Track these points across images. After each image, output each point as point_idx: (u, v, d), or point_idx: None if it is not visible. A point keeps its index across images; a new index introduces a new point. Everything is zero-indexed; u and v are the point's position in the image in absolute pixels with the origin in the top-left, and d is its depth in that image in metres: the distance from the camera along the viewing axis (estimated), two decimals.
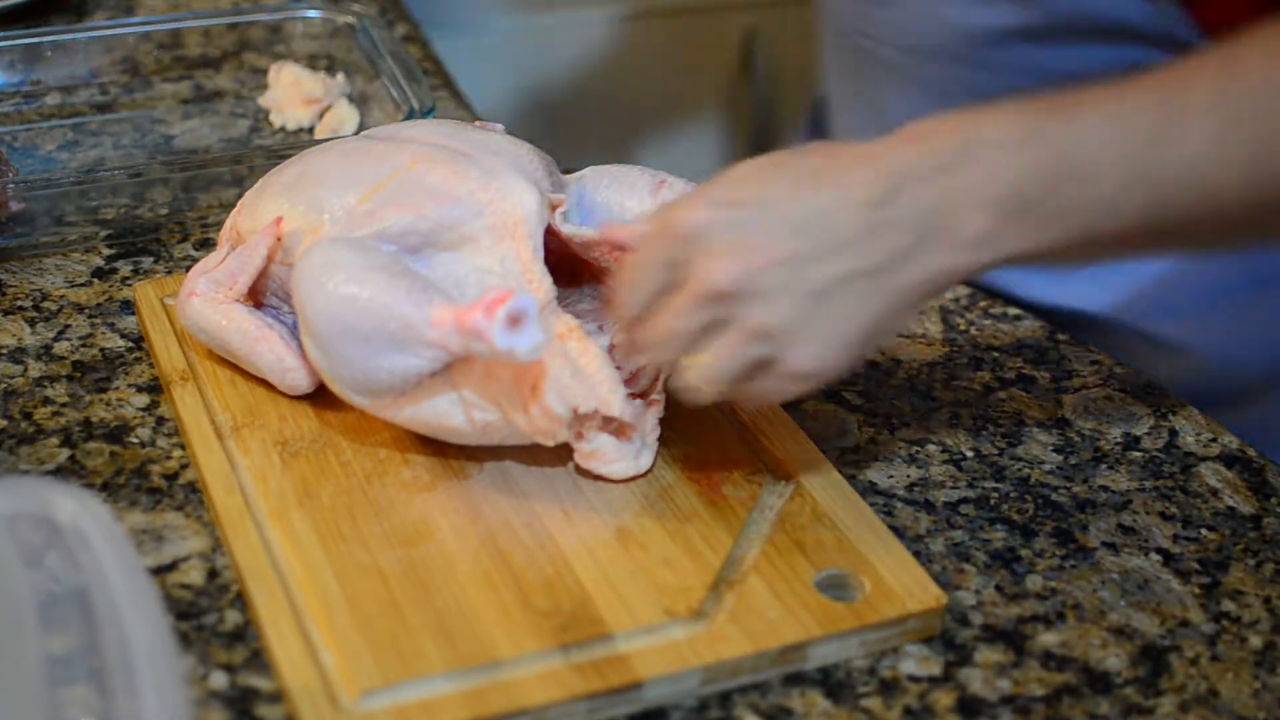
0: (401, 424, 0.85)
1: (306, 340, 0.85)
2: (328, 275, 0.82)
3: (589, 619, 0.77)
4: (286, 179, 0.91)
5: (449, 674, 0.74)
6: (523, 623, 0.77)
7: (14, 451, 0.89)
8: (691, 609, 0.78)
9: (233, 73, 1.27)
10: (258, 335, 0.89)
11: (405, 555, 0.80)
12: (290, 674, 0.74)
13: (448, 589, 0.79)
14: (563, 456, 0.86)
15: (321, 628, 0.76)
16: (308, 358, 0.87)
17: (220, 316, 0.90)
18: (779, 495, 0.85)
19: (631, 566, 0.80)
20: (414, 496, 0.84)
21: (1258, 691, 0.78)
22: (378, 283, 0.81)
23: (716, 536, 0.82)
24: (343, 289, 0.81)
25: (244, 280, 0.90)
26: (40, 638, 0.70)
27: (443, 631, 0.76)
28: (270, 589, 0.78)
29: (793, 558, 0.81)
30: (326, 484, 0.85)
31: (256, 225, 0.90)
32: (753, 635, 0.77)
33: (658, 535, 0.82)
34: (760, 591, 0.79)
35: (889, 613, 0.78)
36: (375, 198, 0.86)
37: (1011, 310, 1.05)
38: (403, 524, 0.82)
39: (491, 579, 0.79)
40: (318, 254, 0.84)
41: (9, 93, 1.22)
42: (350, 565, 0.80)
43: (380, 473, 0.86)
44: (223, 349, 0.91)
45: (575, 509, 0.84)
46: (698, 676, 0.76)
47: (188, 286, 0.92)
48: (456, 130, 0.92)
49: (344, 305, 0.81)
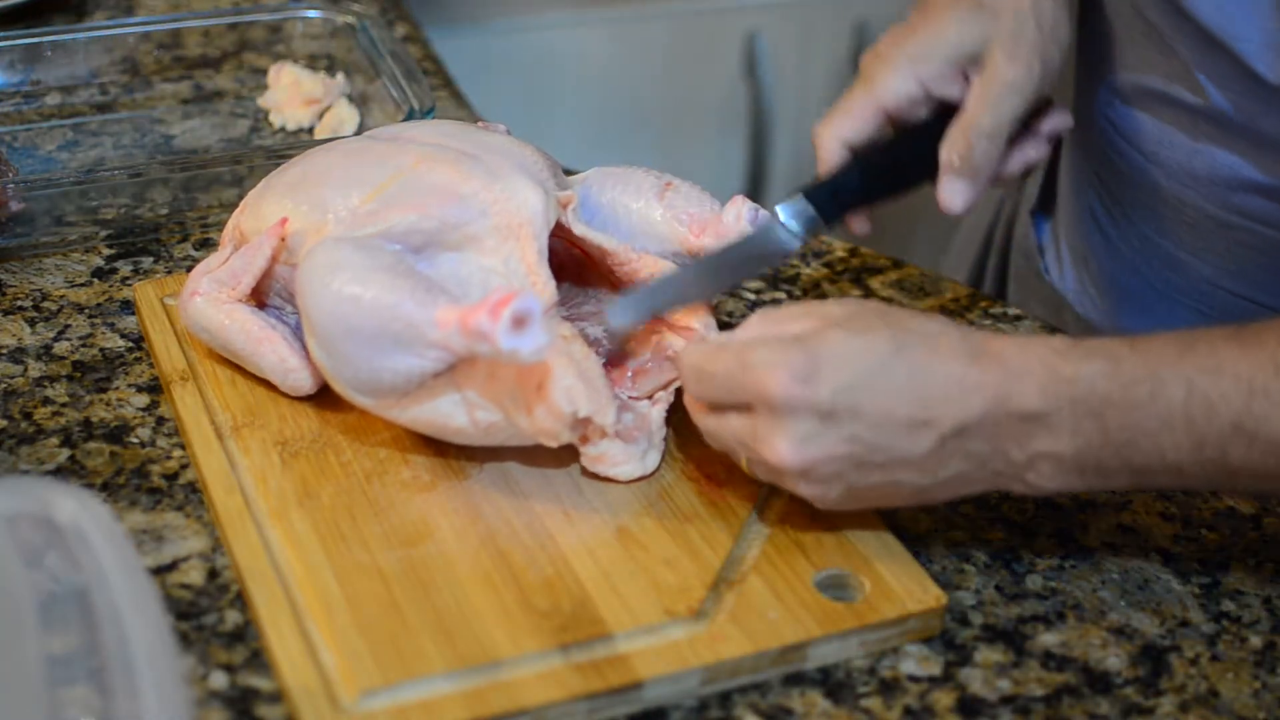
0: (404, 424, 0.85)
1: (310, 340, 0.85)
2: (332, 275, 0.82)
3: (589, 619, 0.77)
4: (290, 179, 0.91)
5: (449, 674, 0.74)
6: (523, 623, 0.77)
7: (14, 451, 0.89)
8: (691, 609, 0.78)
9: (233, 73, 1.27)
10: (261, 336, 0.89)
11: (405, 555, 0.80)
12: (290, 674, 0.74)
13: (448, 589, 0.79)
14: (562, 457, 0.86)
15: (321, 628, 0.76)
16: (310, 357, 0.87)
17: (223, 316, 0.90)
18: (779, 495, 0.85)
19: (632, 566, 0.80)
20: (414, 496, 0.84)
21: (1258, 691, 0.78)
22: (382, 283, 0.81)
23: (716, 536, 0.82)
24: (347, 289, 0.81)
25: (248, 280, 0.90)
26: (40, 638, 0.70)
27: (443, 631, 0.76)
28: (270, 589, 0.78)
29: (793, 557, 0.81)
30: (326, 484, 0.85)
31: (260, 225, 0.90)
32: (753, 635, 0.77)
33: (658, 535, 0.82)
34: (760, 591, 0.79)
35: (889, 613, 0.78)
36: (379, 197, 0.86)
37: (1011, 310, 1.05)
38: (403, 524, 0.82)
39: (492, 579, 0.79)
40: (322, 253, 0.84)
41: (9, 93, 1.21)
42: (350, 565, 0.80)
43: (380, 473, 0.86)
44: (225, 349, 0.91)
45: (575, 509, 0.84)
46: (698, 676, 0.76)
47: (190, 286, 0.91)
48: (460, 130, 0.92)
49: (348, 305, 0.81)
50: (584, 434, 0.84)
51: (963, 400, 0.75)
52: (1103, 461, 0.75)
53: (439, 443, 0.87)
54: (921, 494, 0.78)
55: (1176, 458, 0.75)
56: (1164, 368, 0.74)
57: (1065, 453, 0.75)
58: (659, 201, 0.91)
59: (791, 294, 1.05)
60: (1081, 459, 0.75)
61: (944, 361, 0.76)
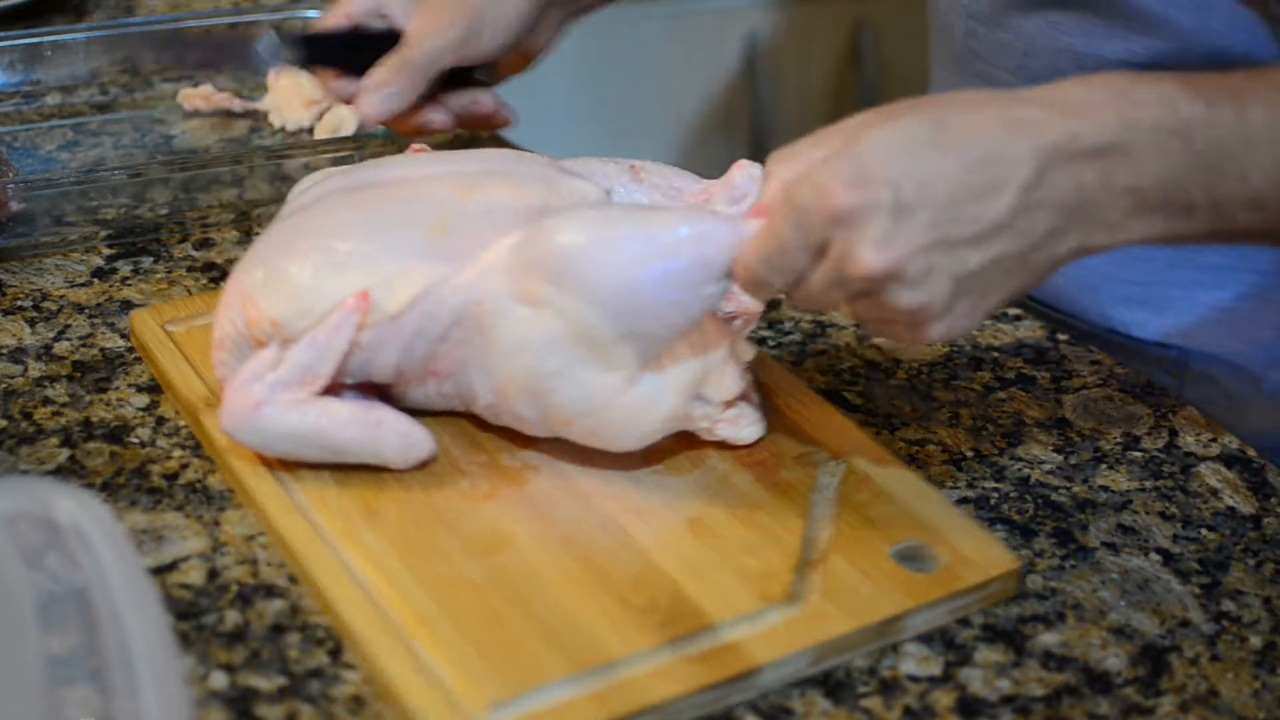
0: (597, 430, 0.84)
1: (583, 312, 0.79)
2: (607, 244, 0.78)
3: (688, 611, 0.77)
4: (318, 258, 0.83)
5: (569, 678, 0.73)
6: (625, 621, 0.76)
7: (14, 451, 0.89)
8: (784, 592, 0.78)
9: (233, 73, 1.27)
10: (374, 418, 0.83)
11: (489, 565, 0.79)
12: (411, 695, 0.72)
13: (541, 595, 0.78)
14: (619, 458, 0.86)
15: (427, 645, 0.75)
16: None
17: (315, 416, 0.82)
18: (832, 474, 0.86)
19: (713, 556, 0.80)
20: (479, 506, 0.83)
21: (1258, 691, 0.78)
22: (651, 221, 0.78)
23: (787, 519, 0.83)
24: (640, 249, 0.77)
25: (327, 369, 0.82)
26: (40, 638, 0.70)
27: (551, 637, 0.75)
28: (363, 611, 0.76)
29: (865, 534, 0.82)
30: (387, 500, 0.83)
31: (306, 307, 0.82)
32: (851, 612, 0.78)
33: (730, 524, 0.83)
34: (845, 569, 0.80)
35: (971, 579, 0.80)
36: (445, 235, 0.82)
37: (1011, 310, 1.05)
38: (477, 534, 0.81)
39: (581, 581, 0.79)
40: (570, 231, 0.78)
41: (9, 93, 1.22)
42: (438, 579, 0.78)
43: (438, 485, 0.85)
44: (322, 450, 0.83)
45: (644, 505, 0.84)
46: (807, 657, 0.76)
47: (244, 399, 0.82)
48: (438, 159, 0.89)
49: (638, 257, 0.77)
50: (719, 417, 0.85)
51: (1029, 143, 0.72)
52: (1188, 193, 0.73)
53: (489, 450, 0.87)
54: (1027, 266, 0.75)
55: (1260, 183, 0.73)
56: (1240, 89, 0.73)
57: (1147, 185, 0.73)
58: (637, 184, 0.90)
59: None
60: (1166, 190, 0.73)
61: (993, 117, 0.73)
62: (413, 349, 0.83)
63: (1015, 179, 0.72)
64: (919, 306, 0.75)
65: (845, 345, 1.01)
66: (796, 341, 1.01)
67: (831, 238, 0.73)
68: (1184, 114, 0.73)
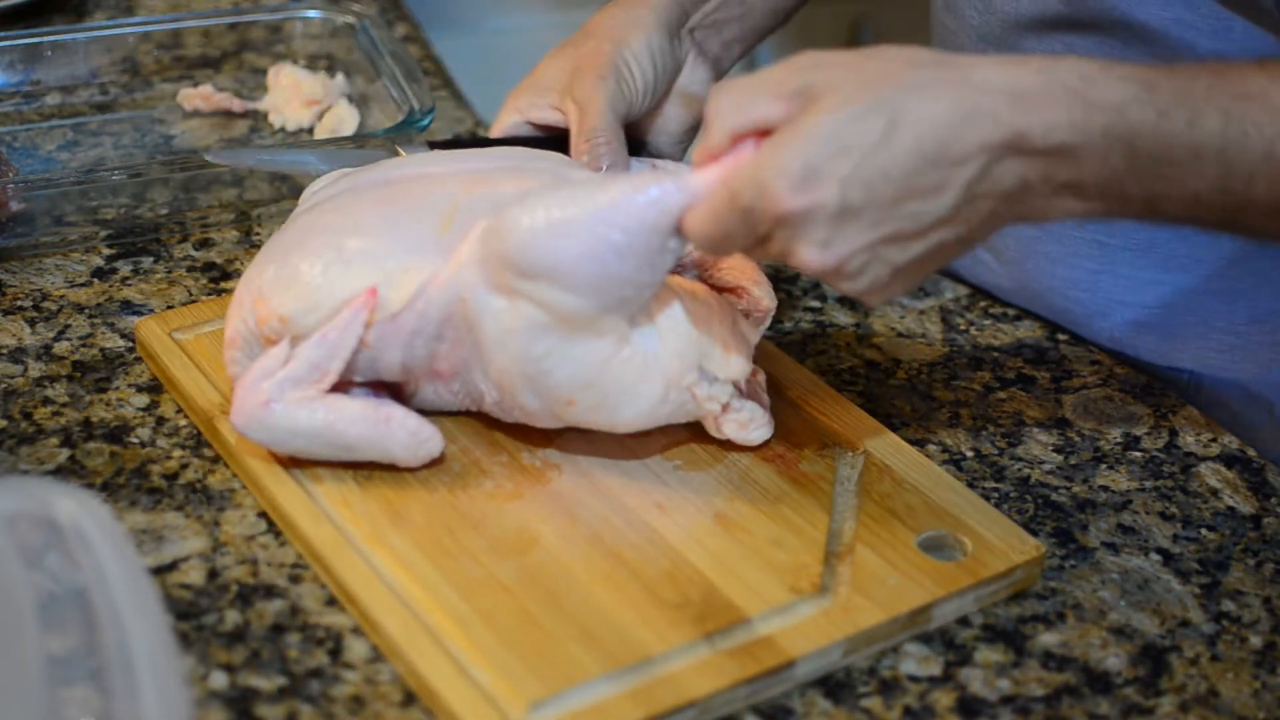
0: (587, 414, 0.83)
1: (556, 297, 0.78)
2: (559, 228, 0.77)
3: (721, 606, 0.77)
4: (329, 255, 0.82)
5: (607, 676, 0.73)
6: (658, 617, 0.76)
7: (14, 451, 0.89)
8: (814, 584, 0.79)
9: (233, 73, 1.27)
10: (383, 414, 0.82)
11: (518, 565, 0.79)
12: (452, 697, 0.72)
13: (573, 593, 0.78)
14: (637, 450, 0.86)
15: (463, 646, 0.75)
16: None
17: (324, 413, 0.81)
18: (852, 466, 0.87)
19: (742, 550, 0.81)
20: (503, 506, 0.83)
21: (1258, 691, 0.78)
22: (600, 188, 0.77)
23: (811, 512, 0.83)
24: (593, 226, 0.77)
25: (337, 365, 0.82)
26: (40, 638, 0.70)
27: (586, 635, 0.75)
28: (398, 613, 0.76)
29: (890, 524, 0.82)
30: (412, 502, 0.83)
31: (315, 304, 0.82)
32: (881, 603, 0.78)
33: (755, 517, 0.83)
34: (872, 560, 0.80)
35: (997, 566, 0.80)
36: (453, 227, 0.82)
37: (1011, 310, 1.05)
38: (504, 534, 0.81)
39: (612, 578, 0.79)
40: (523, 219, 0.77)
41: (9, 93, 1.22)
42: (468, 580, 0.78)
43: (461, 486, 0.84)
44: (332, 447, 0.83)
45: (667, 500, 0.84)
46: (841, 649, 0.77)
47: (254, 397, 0.82)
48: (452, 158, 0.89)
49: (601, 231, 0.77)
50: (724, 402, 0.84)
51: (978, 139, 0.72)
52: (1125, 189, 0.74)
53: (510, 450, 0.87)
54: (963, 244, 0.76)
55: (1199, 186, 0.73)
56: (1198, 96, 0.73)
57: (1087, 181, 0.73)
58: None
59: (791, 293, 1.05)
60: (1104, 186, 0.74)
61: (947, 107, 0.72)
62: (413, 348, 0.83)
63: (961, 178, 0.73)
64: (857, 290, 0.76)
65: (845, 345, 1.01)
66: (796, 341, 1.01)
67: (774, 234, 0.74)
68: (1134, 122, 0.73)
